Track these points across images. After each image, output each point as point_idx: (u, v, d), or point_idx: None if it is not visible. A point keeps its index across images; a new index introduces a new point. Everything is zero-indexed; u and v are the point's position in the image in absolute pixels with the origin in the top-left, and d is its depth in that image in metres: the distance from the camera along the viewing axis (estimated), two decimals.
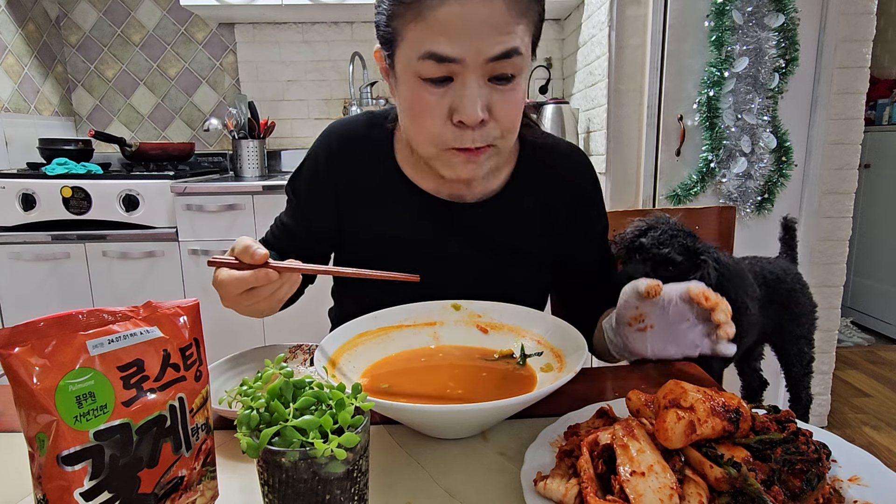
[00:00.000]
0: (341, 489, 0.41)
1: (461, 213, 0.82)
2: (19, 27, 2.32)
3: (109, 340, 0.41)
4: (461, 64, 0.64)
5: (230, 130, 2.34)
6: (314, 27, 2.59)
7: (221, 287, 0.65)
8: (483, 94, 0.66)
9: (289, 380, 0.44)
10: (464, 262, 0.83)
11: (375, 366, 0.71)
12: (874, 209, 3.12)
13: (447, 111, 0.67)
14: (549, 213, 0.84)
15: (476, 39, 0.63)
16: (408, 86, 0.68)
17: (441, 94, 0.66)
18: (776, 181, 1.91)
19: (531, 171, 0.84)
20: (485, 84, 0.66)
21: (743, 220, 1.95)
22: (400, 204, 0.83)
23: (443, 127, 0.68)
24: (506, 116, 0.69)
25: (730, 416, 0.45)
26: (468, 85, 0.65)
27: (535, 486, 0.47)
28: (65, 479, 0.37)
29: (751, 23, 1.81)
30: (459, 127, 0.68)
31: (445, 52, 0.63)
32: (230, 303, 0.67)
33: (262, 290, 0.63)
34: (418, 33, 0.64)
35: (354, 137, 0.84)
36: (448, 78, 0.66)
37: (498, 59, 0.64)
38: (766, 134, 1.88)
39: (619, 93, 1.93)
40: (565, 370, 0.64)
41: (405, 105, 0.71)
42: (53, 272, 2.02)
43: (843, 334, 3.11)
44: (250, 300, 0.65)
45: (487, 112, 0.67)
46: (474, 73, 0.65)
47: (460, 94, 0.65)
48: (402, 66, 0.68)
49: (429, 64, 0.64)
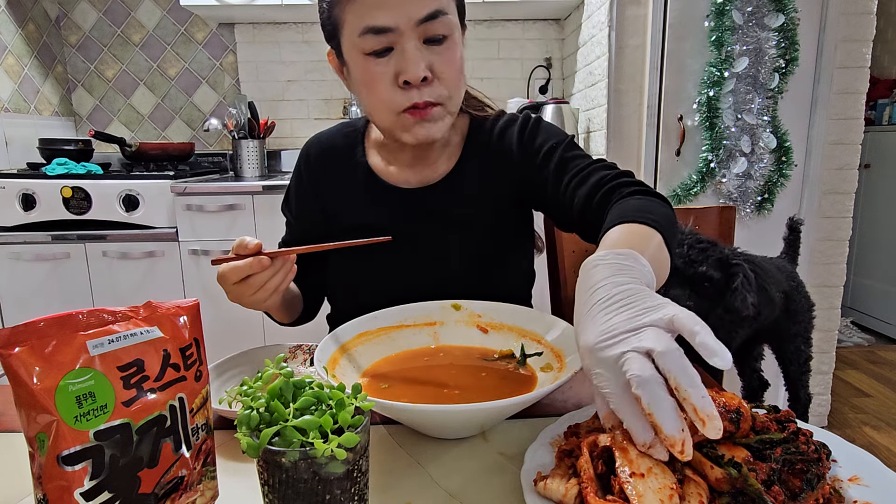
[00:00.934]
0: (341, 489, 0.41)
1: (424, 197, 0.89)
2: (19, 27, 2.32)
3: (109, 340, 0.41)
4: (396, 32, 0.72)
5: (230, 130, 2.34)
6: (314, 27, 2.59)
7: (222, 280, 0.70)
8: (422, 55, 0.74)
9: (289, 380, 0.44)
10: (433, 240, 0.88)
11: (375, 366, 0.71)
12: (874, 209, 3.12)
13: (393, 76, 0.75)
14: (495, 173, 0.89)
15: (404, 6, 0.71)
16: (357, 65, 0.76)
17: (385, 63, 0.74)
18: (776, 181, 1.91)
19: (477, 148, 0.90)
20: (422, 46, 0.74)
21: (743, 220, 1.95)
22: (371, 197, 0.90)
23: (392, 91, 0.75)
24: (446, 73, 0.76)
25: (730, 417, 0.45)
26: (407, 49, 0.73)
27: (535, 486, 0.47)
28: (65, 479, 0.37)
29: (751, 23, 1.81)
30: (405, 88, 0.75)
31: (380, 22, 0.72)
32: (234, 296, 0.72)
33: (259, 277, 0.68)
34: (355, 14, 0.73)
35: (329, 144, 0.95)
36: (389, 49, 0.74)
37: (427, 21, 0.73)
38: (766, 134, 1.88)
39: (619, 93, 1.93)
40: (565, 370, 0.64)
41: (358, 83, 0.78)
42: (53, 272, 2.02)
43: (843, 334, 3.11)
44: (250, 289, 0.69)
45: (430, 71, 0.75)
46: (410, 37, 0.73)
47: (401, 58, 0.73)
48: (348, 48, 0.77)
49: (369, 38, 0.73)
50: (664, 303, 0.45)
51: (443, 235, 0.89)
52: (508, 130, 0.90)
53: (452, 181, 0.89)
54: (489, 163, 0.89)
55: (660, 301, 0.45)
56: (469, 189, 0.88)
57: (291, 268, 0.71)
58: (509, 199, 0.90)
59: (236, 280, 0.68)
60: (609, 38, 1.90)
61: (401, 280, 0.89)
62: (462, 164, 0.90)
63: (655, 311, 0.44)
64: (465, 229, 0.89)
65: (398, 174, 0.90)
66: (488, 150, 0.90)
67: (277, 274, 0.70)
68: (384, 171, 0.91)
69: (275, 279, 0.70)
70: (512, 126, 0.90)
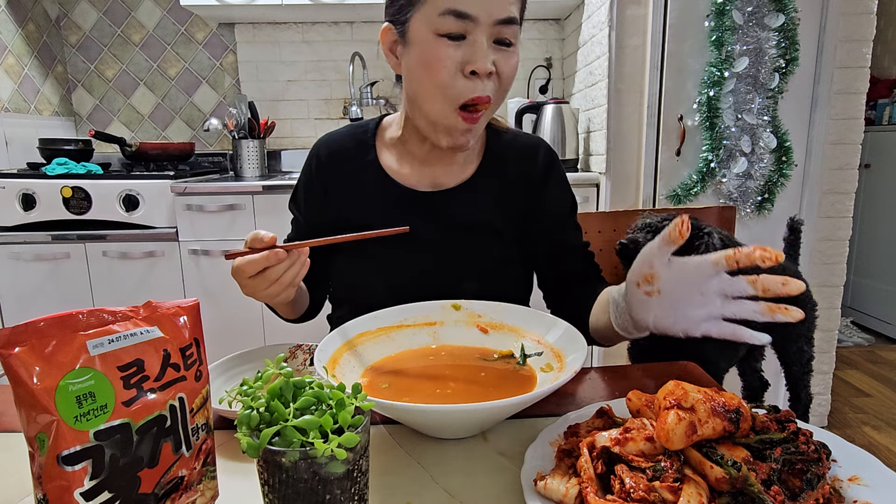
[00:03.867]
0: (341, 489, 0.41)
1: (436, 201, 0.91)
2: (19, 27, 2.32)
3: (109, 340, 0.41)
4: (475, 22, 0.75)
5: (230, 130, 2.34)
6: (314, 27, 2.59)
7: (238, 274, 0.69)
8: (490, 51, 0.77)
9: (289, 380, 0.44)
10: (441, 244, 0.90)
11: (375, 366, 0.71)
12: (874, 209, 3.12)
13: (459, 63, 0.77)
14: (509, 194, 0.93)
15: (489, 2, 0.75)
16: (426, 43, 0.77)
17: (455, 48, 0.76)
18: (776, 181, 1.91)
19: (494, 162, 0.94)
20: (491, 45, 0.77)
21: (743, 220, 1.95)
22: (381, 196, 0.91)
23: (454, 78, 0.77)
24: (505, 74, 0.79)
25: (730, 417, 0.45)
26: (479, 41, 0.76)
27: (535, 486, 0.47)
28: (65, 478, 0.37)
29: (751, 23, 1.81)
30: (470, 78, 0.77)
31: (463, 8, 0.74)
32: (249, 289, 0.72)
33: (274, 270, 0.68)
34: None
35: (339, 145, 0.95)
36: (462, 36, 0.76)
37: (503, 24, 0.76)
38: (766, 134, 1.88)
39: (619, 93, 1.93)
40: (565, 370, 0.64)
41: (418, 63, 0.79)
42: (53, 272, 2.02)
43: (843, 334, 3.11)
44: (265, 283, 0.69)
45: (494, 67, 0.77)
46: (484, 32, 0.76)
47: (472, 48, 0.76)
48: (419, 25, 0.77)
49: (448, 19, 0.75)
50: None
51: (451, 239, 0.90)
52: (532, 157, 0.95)
53: (467, 190, 0.91)
54: (506, 181, 0.93)
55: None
56: (482, 202, 0.92)
57: (305, 261, 0.71)
58: (516, 219, 0.94)
59: (252, 273, 0.68)
60: (609, 38, 1.90)
61: (405, 281, 0.89)
62: (478, 177, 0.93)
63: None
64: (474, 236, 0.91)
65: (410, 175, 0.92)
66: (505, 167, 0.93)
67: (293, 267, 0.70)
68: (396, 171, 0.92)
69: (290, 272, 0.70)
70: (535, 153, 0.95)
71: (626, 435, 0.47)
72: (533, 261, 0.98)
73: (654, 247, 0.63)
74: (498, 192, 0.92)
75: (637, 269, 0.65)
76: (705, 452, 0.45)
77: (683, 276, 0.61)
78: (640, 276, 0.65)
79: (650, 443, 0.46)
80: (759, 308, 0.58)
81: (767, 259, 0.55)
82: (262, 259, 0.67)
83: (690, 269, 0.61)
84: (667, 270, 0.62)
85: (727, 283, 0.59)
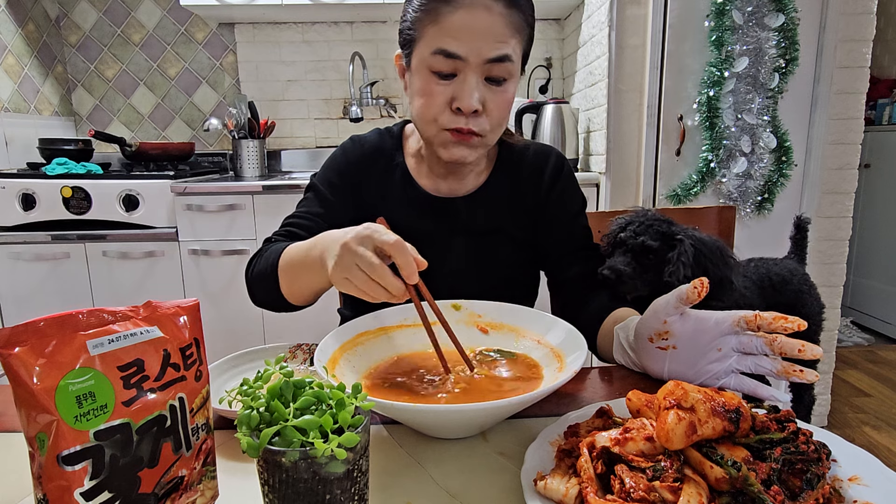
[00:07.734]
0: (341, 489, 0.41)
1: (452, 207, 0.95)
2: (19, 27, 2.32)
3: (109, 340, 0.41)
4: (464, 61, 0.78)
5: (230, 130, 2.34)
6: (314, 27, 2.59)
7: (366, 246, 0.63)
8: (479, 89, 0.80)
9: (289, 380, 0.44)
10: (457, 246, 0.95)
11: (375, 366, 0.71)
12: (874, 209, 3.12)
13: (448, 99, 0.81)
14: (521, 200, 0.97)
15: (478, 42, 0.77)
16: (421, 77, 0.82)
17: (445, 86, 0.80)
18: (776, 181, 1.91)
19: (507, 169, 0.98)
20: (482, 83, 0.80)
21: (743, 220, 1.95)
22: (406, 198, 0.96)
23: (443, 112, 0.82)
24: (495, 112, 0.83)
25: (730, 417, 0.45)
26: (468, 80, 0.79)
27: (535, 486, 0.47)
28: (65, 478, 0.37)
29: (751, 23, 1.81)
30: (456, 113, 0.81)
31: (453, 49, 0.77)
32: (348, 260, 0.63)
33: (380, 294, 0.62)
34: (433, 34, 0.79)
35: (371, 145, 0.99)
36: (452, 74, 0.80)
37: (494, 62, 0.78)
38: (766, 134, 1.88)
39: (619, 93, 1.93)
40: (565, 370, 0.64)
41: (417, 94, 0.84)
42: (53, 272, 2.02)
43: (843, 334, 3.11)
44: (368, 278, 0.62)
45: (481, 105, 0.81)
46: (474, 71, 0.79)
47: (461, 86, 0.79)
48: (417, 61, 0.82)
49: (439, 59, 0.78)
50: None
51: (462, 243, 0.94)
52: (543, 163, 0.98)
53: (480, 197, 0.96)
54: (518, 187, 0.97)
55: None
56: (495, 207, 0.96)
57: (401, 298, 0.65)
58: (527, 223, 0.97)
59: (366, 294, 0.62)
60: (609, 38, 1.90)
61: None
62: (490, 184, 0.97)
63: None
64: (486, 241, 0.95)
65: (429, 182, 0.96)
66: (517, 176, 0.97)
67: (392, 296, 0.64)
68: (418, 177, 0.97)
69: (383, 294, 0.63)
70: (545, 162, 0.98)
71: (626, 435, 0.47)
72: (543, 263, 1.01)
73: (668, 303, 0.64)
74: (509, 198, 0.96)
75: (649, 325, 0.67)
76: (705, 452, 0.45)
77: (701, 332, 0.63)
78: (653, 332, 0.67)
79: (650, 443, 0.46)
80: (775, 368, 0.61)
81: (789, 329, 0.58)
82: (396, 292, 0.62)
83: (710, 325, 0.63)
84: (681, 325, 0.64)
85: (745, 341, 0.62)
